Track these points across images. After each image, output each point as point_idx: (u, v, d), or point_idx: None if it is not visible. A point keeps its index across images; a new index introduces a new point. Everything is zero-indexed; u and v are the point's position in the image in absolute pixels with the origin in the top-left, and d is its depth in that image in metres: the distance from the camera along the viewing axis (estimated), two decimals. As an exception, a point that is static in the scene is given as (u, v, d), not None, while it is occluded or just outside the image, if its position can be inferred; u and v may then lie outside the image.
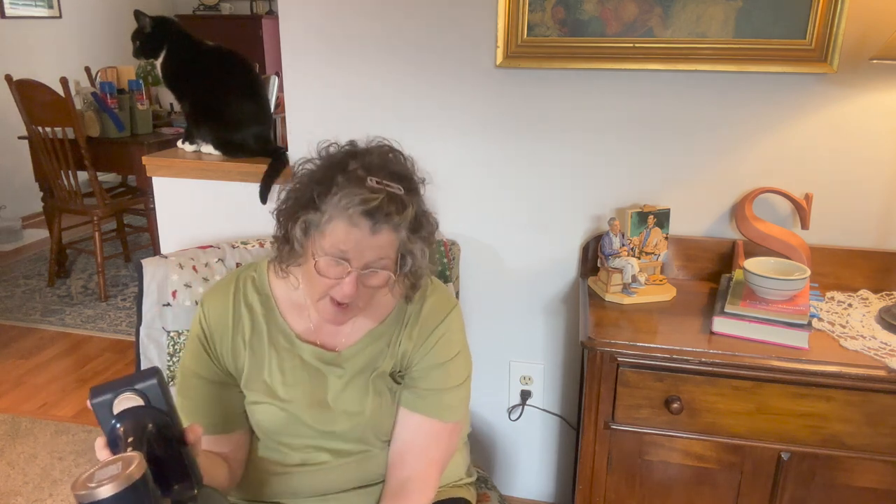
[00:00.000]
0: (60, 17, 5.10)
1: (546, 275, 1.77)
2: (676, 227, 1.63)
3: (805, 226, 1.52)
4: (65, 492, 2.12)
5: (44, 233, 4.34)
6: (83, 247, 3.93)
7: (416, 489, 1.15)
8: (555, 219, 1.72)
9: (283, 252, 1.10)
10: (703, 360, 1.27)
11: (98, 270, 3.51)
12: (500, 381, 1.89)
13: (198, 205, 1.91)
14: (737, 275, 1.49)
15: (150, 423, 0.75)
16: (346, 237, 1.00)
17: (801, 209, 1.52)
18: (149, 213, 3.70)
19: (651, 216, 1.54)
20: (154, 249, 3.67)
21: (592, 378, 1.34)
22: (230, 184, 1.87)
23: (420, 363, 1.17)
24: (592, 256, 1.68)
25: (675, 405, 1.29)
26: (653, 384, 1.31)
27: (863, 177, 1.54)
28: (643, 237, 1.55)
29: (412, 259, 1.08)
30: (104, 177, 4.29)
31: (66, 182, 3.44)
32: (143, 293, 1.47)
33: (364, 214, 0.99)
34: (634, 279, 1.49)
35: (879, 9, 1.42)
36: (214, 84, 1.94)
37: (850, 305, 1.46)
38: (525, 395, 1.88)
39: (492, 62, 1.63)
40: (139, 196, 3.71)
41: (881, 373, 1.21)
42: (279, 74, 3.38)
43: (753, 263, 1.39)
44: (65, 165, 3.39)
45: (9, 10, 4.69)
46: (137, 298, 1.48)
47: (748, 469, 1.32)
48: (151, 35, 2.01)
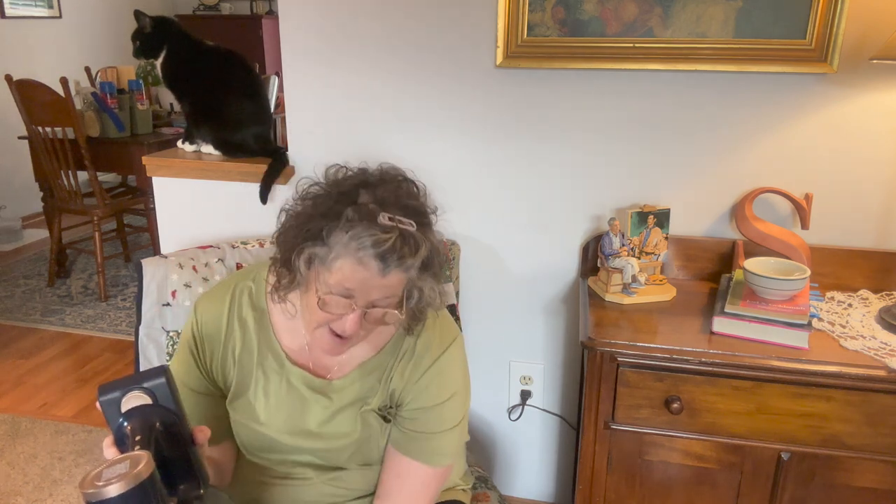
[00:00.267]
0: (60, 17, 5.10)
1: (546, 275, 1.77)
2: (676, 227, 1.63)
3: (805, 226, 1.52)
4: (65, 492, 2.12)
5: (44, 233, 4.35)
6: (83, 247, 3.93)
7: None
8: (555, 219, 1.72)
9: (283, 280, 1.04)
10: (703, 360, 1.27)
11: (98, 270, 3.51)
12: (500, 381, 1.89)
13: (198, 205, 1.91)
14: (737, 275, 1.49)
15: (158, 422, 0.74)
16: (353, 276, 0.95)
17: (801, 209, 1.52)
18: (149, 213, 3.70)
19: (651, 216, 1.54)
20: (154, 249, 3.67)
21: (592, 378, 1.34)
22: (230, 184, 1.87)
23: (411, 404, 1.11)
24: (592, 256, 1.68)
25: (675, 405, 1.29)
26: (653, 384, 1.31)
27: (863, 177, 1.54)
28: (643, 237, 1.55)
29: (419, 295, 1.03)
30: (104, 177, 4.30)
31: (66, 182, 3.44)
32: (143, 293, 1.47)
33: (375, 257, 0.93)
34: (634, 279, 1.49)
35: (879, 9, 1.42)
36: (214, 84, 1.94)
37: (850, 305, 1.46)
38: (525, 395, 1.88)
39: (492, 62, 1.63)
40: (139, 196, 3.71)
41: (881, 373, 1.21)
42: (279, 74, 3.38)
43: (753, 263, 1.39)
44: (65, 165, 3.39)
45: (9, 10, 4.69)
46: (137, 298, 1.48)
47: (748, 469, 1.32)
48: (151, 35, 2.01)
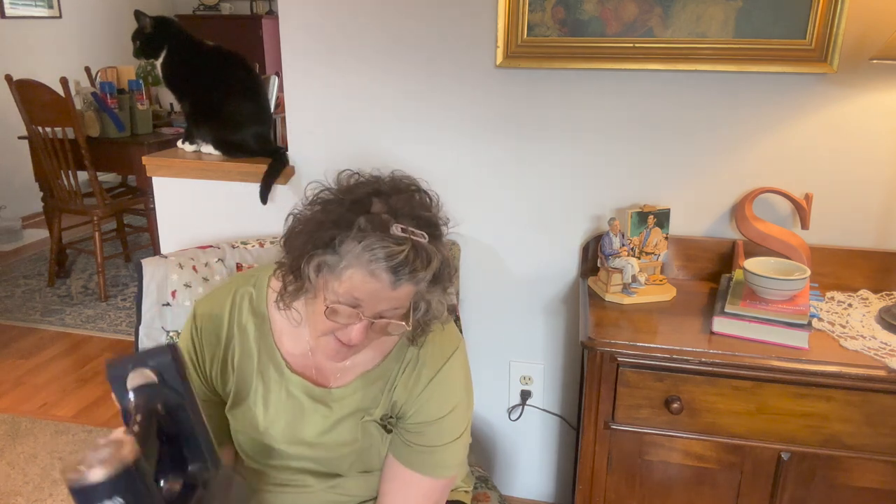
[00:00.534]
0: (60, 17, 5.10)
1: (546, 275, 1.77)
2: (676, 227, 1.63)
3: (805, 226, 1.52)
4: (65, 492, 2.12)
5: (44, 233, 4.34)
6: (83, 247, 3.93)
7: None
8: (555, 219, 1.72)
9: (290, 287, 1.02)
10: (703, 360, 1.27)
11: (98, 270, 3.51)
12: (500, 381, 1.89)
13: (198, 205, 1.91)
14: (737, 275, 1.49)
15: (161, 403, 0.72)
16: (363, 287, 0.94)
17: (801, 209, 1.52)
18: (149, 213, 3.70)
19: (651, 216, 1.54)
20: (154, 249, 3.67)
21: (592, 378, 1.34)
22: (230, 184, 1.87)
23: (413, 417, 1.10)
24: (592, 256, 1.68)
25: (675, 405, 1.29)
26: (653, 384, 1.31)
27: (863, 177, 1.54)
28: (643, 237, 1.55)
29: (426, 308, 1.02)
30: (104, 177, 4.29)
31: (66, 182, 3.44)
32: (143, 293, 1.47)
33: (387, 270, 0.92)
34: (634, 279, 1.49)
35: (879, 9, 1.42)
36: (214, 84, 1.94)
37: (850, 305, 1.46)
38: (525, 395, 1.88)
39: (492, 62, 1.63)
40: (139, 196, 3.71)
41: (881, 373, 1.21)
42: (279, 74, 3.38)
43: (753, 263, 1.39)
44: (65, 165, 3.39)
45: (9, 10, 4.68)
46: (137, 298, 1.48)
47: (748, 469, 1.32)
48: (152, 35, 2.01)
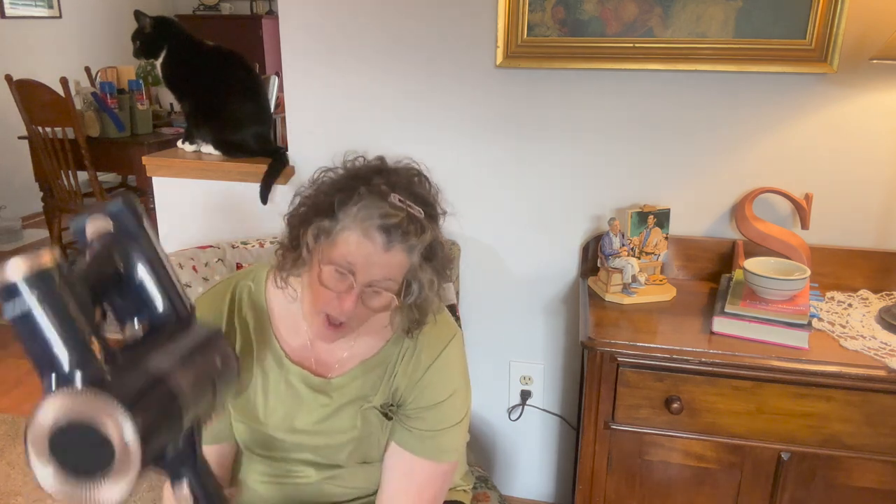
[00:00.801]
0: (60, 17, 5.10)
1: (546, 275, 1.77)
2: (676, 227, 1.63)
3: (805, 226, 1.52)
4: (65, 492, 2.12)
5: (44, 233, 4.34)
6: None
7: None
8: (555, 219, 1.72)
9: (288, 259, 1.05)
10: (703, 360, 1.27)
11: (98, 270, 3.51)
12: (500, 381, 1.89)
13: (198, 205, 1.91)
14: (737, 275, 1.49)
15: (117, 248, 0.69)
16: (357, 249, 0.96)
17: (801, 209, 1.52)
18: (149, 213, 3.68)
19: (651, 216, 1.54)
20: (154, 249, 3.67)
21: (592, 378, 1.34)
22: (230, 184, 1.87)
23: (413, 402, 1.11)
24: (592, 256, 1.68)
25: (675, 405, 1.29)
26: (653, 384, 1.31)
27: (863, 177, 1.54)
28: (643, 237, 1.55)
29: (419, 288, 1.02)
30: (104, 177, 4.29)
31: (66, 182, 3.44)
32: (143, 293, 1.46)
33: (380, 229, 0.95)
34: (634, 279, 1.49)
35: (879, 9, 1.42)
36: (214, 84, 1.94)
37: (850, 305, 1.46)
38: (525, 395, 1.88)
39: (492, 62, 1.63)
40: (139, 196, 3.71)
41: (881, 373, 1.21)
42: (279, 74, 3.38)
43: (753, 263, 1.39)
44: (65, 165, 3.39)
45: (9, 10, 4.68)
46: (137, 298, 1.47)
47: (748, 469, 1.32)
48: (152, 35, 2.01)
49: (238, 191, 1.86)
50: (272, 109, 2.42)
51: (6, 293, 0.55)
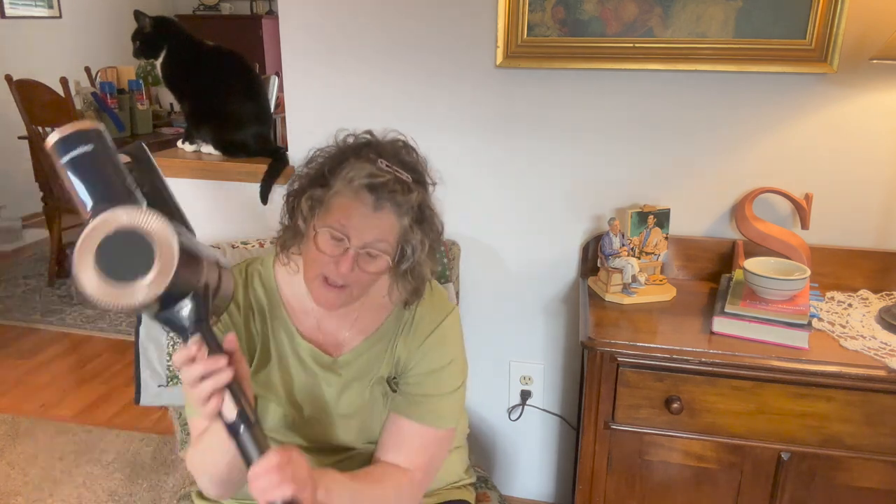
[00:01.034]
0: (60, 17, 5.10)
1: (546, 275, 1.77)
2: (676, 227, 1.63)
3: (805, 226, 1.52)
4: (65, 492, 2.12)
5: (44, 233, 4.34)
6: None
7: (397, 475, 1.12)
8: (555, 219, 1.72)
9: (288, 233, 1.12)
10: (703, 360, 1.27)
11: (98, 270, 3.51)
12: (500, 381, 1.89)
13: (198, 205, 1.91)
14: (737, 275, 1.49)
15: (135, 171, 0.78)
16: (349, 211, 1.02)
17: (801, 209, 1.52)
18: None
19: (651, 216, 1.54)
20: (154, 249, 3.67)
21: (592, 378, 1.34)
22: (230, 184, 1.87)
23: (414, 369, 1.16)
24: (592, 256, 1.68)
25: (675, 405, 1.29)
26: (653, 384, 1.31)
27: (863, 177, 1.54)
28: (643, 237, 1.55)
29: (412, 253, 1.07)
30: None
31: (67, 182, 3.44)
32: (143, 293, 1.47)
33: (368, 188, 1.01)
34: (634, 279, 1.49)
35: (879, 9, 1.42)
36: (214, 84, 1.94)
37: (850, 305, 1.46)
38: (525, 395, 1.88)
39: (492, 62, 1.63)
40: (139, 196, 3.70)
41: (881, 373, 1.21)
42: (279, 74, 3.38)
43: (753, 263, 1.39)
44: (65, 165, 3.38)
45: (9, 10, 4.68)
46: (137, 298, 1.48)
47: (748, 469, 1.32)
48: (151, 35, 2.01)
49: (238, 191, 1.86)
50: (272, 109, 2.42)
51: (75, 137, 0.70)
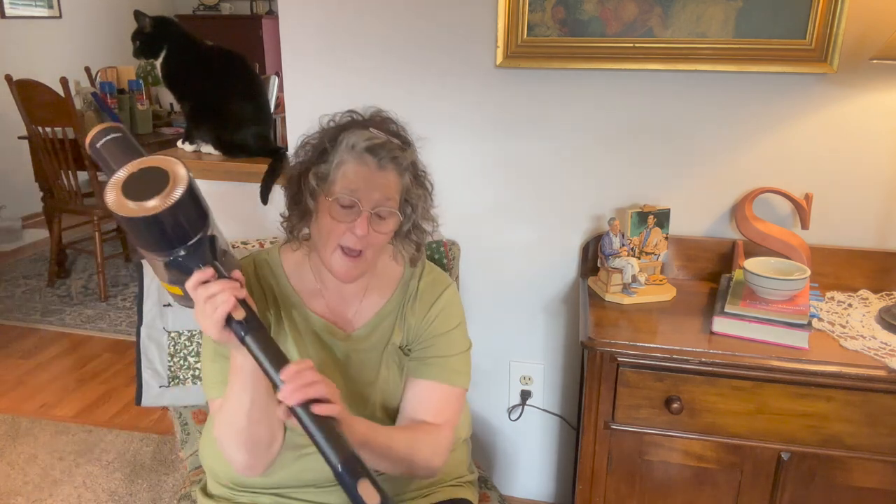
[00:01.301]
0: (60, 17, 5.10)
1: (546, 275, 1.77)
2: (676, 227, 1.63)
3: (805, 226, 1.52)
4: (65, 492, 2.12)
5: (44, 233, 4.34)
6: (83, 247, 3.93)
7: (429, 429, 1.19)
8: (555, 219, 1.72)
9: (294, 216, 1.17)
10: (703, 360, 1.27)
11: (98, 270, 3.51)
12: (500, 381, 1.89)
13: (198, 205, 1.91)
14: (737, 275, 1.49)
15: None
16: (356, 176, 1.09)
17: (801, 209, 1.52)
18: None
19: (651, 216, 1.54)
20: (154, 249, 3.67)
21: (592, 378, 1.34)
22: (230, 184, 1.87)
23: (425, 333, 1.24)
24: (592, 256, 1.68)
25: (675, 405, 1.29)
26: (653, 384, 1.31)
27: (863, 177, 1.54)
28: (643, 237, 1.55)
29: (413, 212, 1.17)
30: (104, 177, 4.29)
31: (66, 182, 3.44)
32: (144, 293, 1.47)
33: (370, 151, 1.09)
34: (634, 279, 1.49)
35: (879, 9, 1.42)
36: (214, 84, 1.94)
37: (850, 305, 1.46)
38: (525, 395, 1.88)
39: (492, 62, 1.63)
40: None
41: (881, 373, 1.21)
42: (279, 74, 3.38)
43: (753, 263, 1.39)
44: (65, 165, 3.39)
45: (9, 10, 4.68)
46: (138, 299, 1.48)
47: (748, 469, 1.32)
48: (151, 35, 2.01)
49: (238, 191, 1.86)
50: (272, 109, 2.42)
51: (108, 130, 0.95)
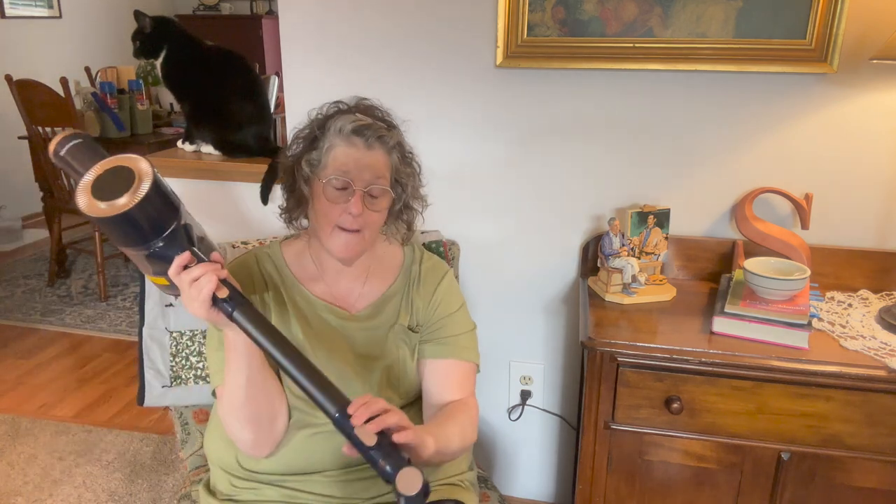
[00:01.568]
0: (60, 17, 5.10)
1: (546, 275, 1.77)
2: (676, 227, 1.63)
3: (805, 226, 1.52)
4: (65, 492, 2.12)
5: (44, 233, 4.34)
6: (83, 247, 3.93)
7: (462, 408, 1.23)
8: (555, 218, 1.72)
9: (291, 203, 1.23)
10: (703, 360, 1.27)
11: (98, 270, 3.51)
12: (500, 381, 1.89)
13: (198, 205, 1.91)
14: (737, 275, 1.49)
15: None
16: (346, 157, 1.14)
17: (801, 209, 1.52)
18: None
19: (651, 216, 1.54)
20: (154, 249, 3.67)
21: (592, 378, 1.34)
22: (230, 184, 1.87)
23: (433, 316, 1.28)
24: (592, 256, 1.68)
25: (675, 405, 1.29)
26: (653, 384, 1.31)
27: (863, 177, 1.54)
28: (643, 237, 1.55)
29: (404, 191, 1.22)
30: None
31: (66, 182, 3.44)
32: (145, 294, 1.47)
33: (356, 132, 1.14)
34: (634, 279, 1.49)
35: (879, 9, 1.42)
36: (214, 84, 1.94)
37: (850, 305, 1.46)
38: (525, 395, 1.88)
39: (492, 62, 1.63)
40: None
41: (881, 373, 1.21)
42: (279, 74, 3.38)
43: (753, 263, 1.39)
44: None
45: (9, 10, 4.68)
46: (139, 299, 1.48)
47: (748, 469, 1.32)
48: (151, 35, 2.01)
49: (238, 191, 1.86)
50: (272, 109, 2.42)
51: (70, 137, 0.99)
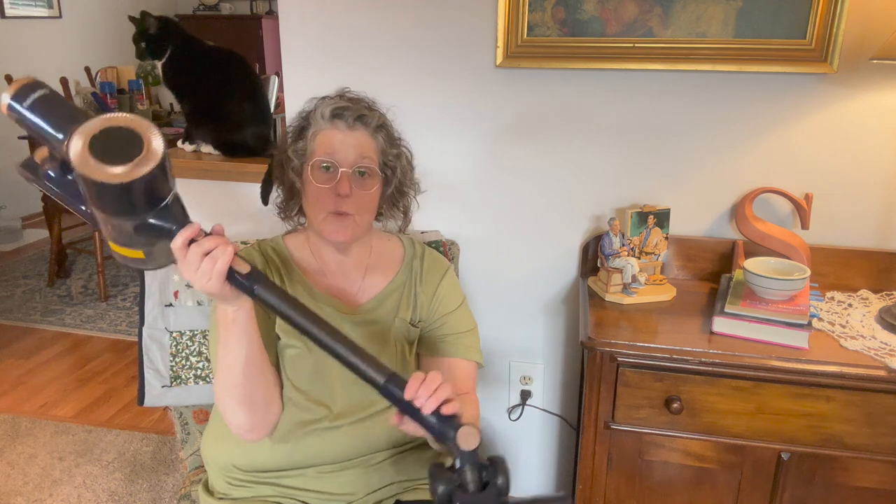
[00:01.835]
0: (60, 17, 5.10)
1: (546, 275, 1.77)
2: (676, 227, 1.63)
3: (805, 226, 1.52)
4: (65, 492, 2.12)
5: (44, 233, 4.34)
6: (83, 247, 3.93)
7: (467, 400, 1.23)
8: (555, 219, 1.72)
9: (285, 195, 1.26)
10: (703, 360, 1.27)
11: (98, 270, 3.51)
12: (500, 381, 1.89)
13: (198, 205, 1.90)
14: (737, 275, 1.49)
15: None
16: (330, 140, 1.17)
17: (801, 209, 1.52)
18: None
19: (651, 216, 1.54)
20: (154, 249, 3.67)
21: (592, 378, 1.34)
22: (230, 184, 1.87)
23: (435, 313, 1.29)
24: (592, 256, 1.68)
25: (675, 405, 1.29)
26: (653, 384, 1.31)
27: (863, 177, 1.54)
28: (643, 237, 1.55)
29: (394, 174, 1.24)
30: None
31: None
32: (145, 294, 1.47)
33: (337, 115, 1.17)
34: (634, 279, 1.49)
35: (879, 9, 1.42)
36: (215, 85, 1.94)
37: (850, 305, 1.46)
38: (525, 395, 1.88)
39: (492, 62, 1.63)
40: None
41: (881, 373, 1.21)
42: (279, 74, 3.38)
43: (753, 263, 1.39)
44: (65, 165, 3.38)
45: (9, 10, 4.68)
46: (139, 299, 1.48)
47: (748, 469, 1.32)
48: (157, 36, 2.00)
49: (238, 191, 1.86)
50: (272, 109, 2.42)
51: (29, 87, 0.86)
